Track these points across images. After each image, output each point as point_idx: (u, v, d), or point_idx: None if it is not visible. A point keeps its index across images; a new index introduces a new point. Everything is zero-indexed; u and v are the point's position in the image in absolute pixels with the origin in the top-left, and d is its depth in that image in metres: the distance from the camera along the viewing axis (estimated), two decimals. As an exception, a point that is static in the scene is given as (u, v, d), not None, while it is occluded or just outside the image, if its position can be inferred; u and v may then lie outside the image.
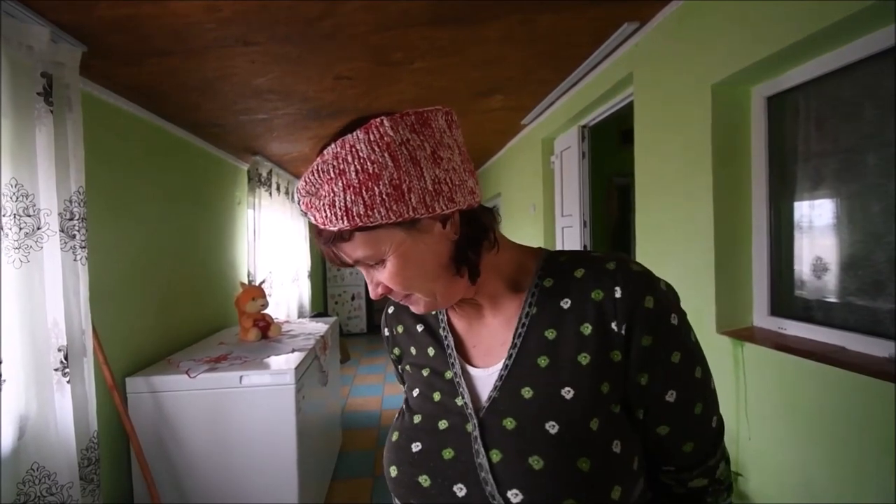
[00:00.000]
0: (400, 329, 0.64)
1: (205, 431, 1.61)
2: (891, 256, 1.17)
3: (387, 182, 0.44)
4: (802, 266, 1.42)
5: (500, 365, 0.52)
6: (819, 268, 1.37)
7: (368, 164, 0.44)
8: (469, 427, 0.49)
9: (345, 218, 0.44)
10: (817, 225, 1.39)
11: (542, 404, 0.47)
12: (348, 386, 3.94)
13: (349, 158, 0.44)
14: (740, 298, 1.51)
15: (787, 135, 1.44)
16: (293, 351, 1.89)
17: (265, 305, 2.16)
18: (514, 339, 0.52)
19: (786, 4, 1.19)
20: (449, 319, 0.59)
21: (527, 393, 0.49)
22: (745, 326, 1.50)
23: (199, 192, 2.39)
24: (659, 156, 1.76)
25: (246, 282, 2.77)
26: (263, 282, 2.47)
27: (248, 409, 1.61)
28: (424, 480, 0.49)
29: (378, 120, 0.45)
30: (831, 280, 1.34)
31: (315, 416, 1.98)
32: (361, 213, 0.43)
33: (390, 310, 0.67)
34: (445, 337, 0.58)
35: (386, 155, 0.44)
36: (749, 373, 1.41)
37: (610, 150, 3.45)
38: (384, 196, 0.44)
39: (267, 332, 2.13)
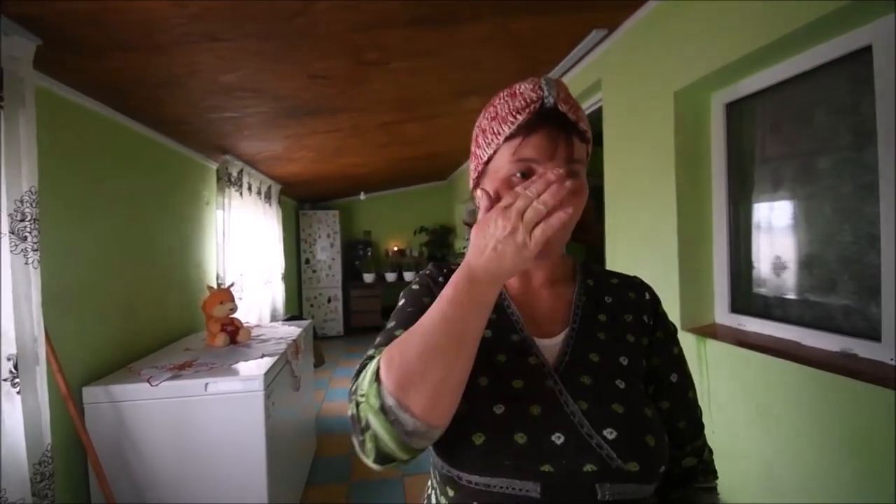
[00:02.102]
0: None
1: (168, 442, 1.55)
2: (842, 255, 1.24)
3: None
4: (760, 265, 1.48)
5: (562, 336, 0.60)
6: (776, 266, 1.43)
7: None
8: (549, 383, 0.56)
9: (588, 129, 0.56)
10: (774, 226, 1.45)
11: (609, 367, 0.58)
12: (324, 390, 3.87)
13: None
14: (703, 296, 1.56)
15: (744, 140, 1.51)
16: (263, 356, 1.84)
17: (234, 309, 2.10)
18: (573, 316, 0.62)
19: (743, 16, 1.24)
20: (507, 291, 0.65)
21: (594, 357, 0.58)
22: (707, 323, 1.56)
23: (165, 191, 2.31)
24: (626, 159, 1.81)
25: (214, 285, 2.69)
26: (232, 285, 2.40)
27: (214, 417, 1.55)
28: (521, 438, 0.51)
29: None
30: (787, 278, 1.40)
31: (286, 422, 1.93)
32: (590, 135, 0.57)
33: (447, 268, 0.69)
34: (507, 306, 0.63)
35: None
36: (712, 368, 1.47)
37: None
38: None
39: (236, 337, 2.06)
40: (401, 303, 0.66)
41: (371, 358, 0.54)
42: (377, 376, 0.47)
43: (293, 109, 2.24)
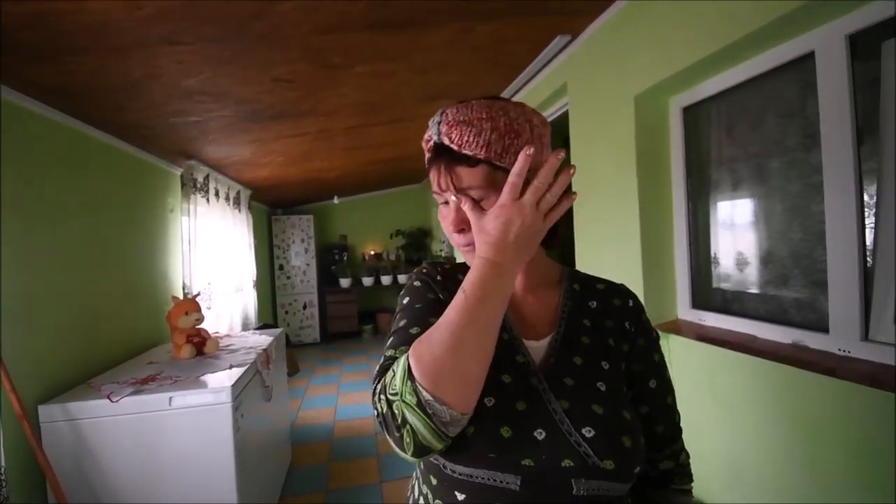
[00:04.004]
0: (451, 286, 0.67)
1: (132, 460, 1.48)
2: (793, 252, 1.29)
3: (523, 141, 0.55)
4: (719, 262, 1.54)
5: (548, 339, 0.62)
6: (735, 263, 1.49)
7: (515, 123, 0.56)
8: (534, 381, 0.58)
9: (484, 148, 0.54)
10: (730, 224, 1.51)
11: (591, 370, 0.59)
12: (299, 399, 3.80)
13: (500, 112, 0.56)
14: (666, 293, 1.61)
15: (702, 142, 1.56)
16: (231, 367, 1.79)
17: (200, 320, 2.04)
18: (559, 320, 0.64)
19: (696, 23, 1.29)
20: None
21: (577, 361, 0.60)
22: (671, 319, 1.61)
23: (125, 199, 2.22)
24: (591, 161, 1.85)
25: (180, 295, 2.60)
26: (198, 294, 2.33)
27: (180, 432, 1.50)
28: (506, 431, 0.53)
29: (524, 104, 0.59)
30: (743, 275, 1.46)
31: (258, 433, 1.88)
32: (498, 151, 0.55)
33: (441, 268, 0.72)
34: None
35: (526, 125, 0.56)
36: (676, 362, 1.51)
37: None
38: (518, 149, 0.55)
39: (202, 349, 2.00)
40: (405, 301, 0.67)
41: (392, 358, 0.56)
42: (409, 374, 0.49)
43: (257, 113, 2.20)
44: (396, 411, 0.50)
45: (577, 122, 1.96)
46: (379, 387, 0.53)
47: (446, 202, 0.60)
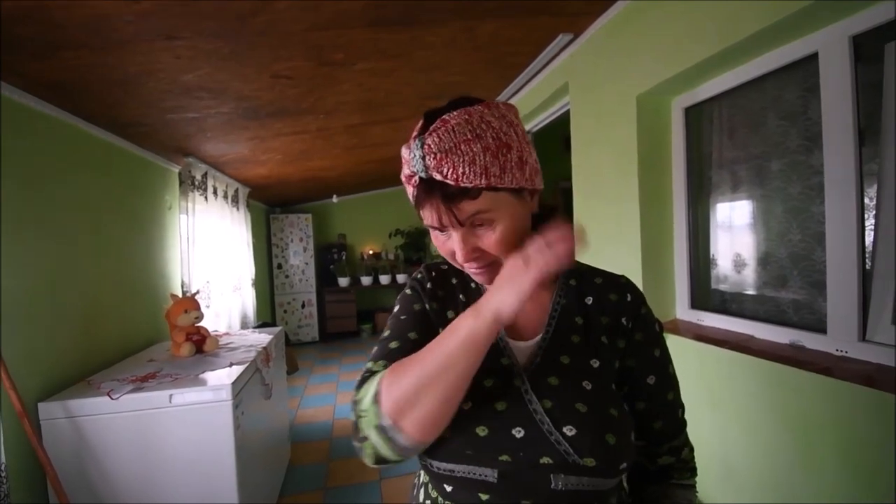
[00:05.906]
0: (440, 293, 0.68)
1: (132, 457, 1.48)
2: (792, 253, 1.30)
3: (515, 152, 0.52)
4: (718, 263, 1.54)
5: (537, 339, 0.62)
6: (732, 264, 1.49)
7: (502, 134, 0.52)
8: (517, 382, 0.58)
9: (483, 176, 0.50)
10: (730, 226, 1.51)
11: (578, 368, 0.59)
12: (298, 397, 3.80)
13: (483, 126, 0.51)
14: (665, 293, 1.62)
15: (703, 143, 1.57)
16: (231, 365, 1.79)
17: (199, 318, 2.03)
18: (549, 319, 0.63)
19: (699, 23, 1.29)
20: None
21: (565, 360, 0.59)
22: (670, 319, 1.61)
23: (122, 197, 2.21)
24: (593, 161, 1.85)
25: (179, 293, 2.60)
26: (198, 292, 2.33)
27: (180, 429, 1.50)
28: (482, 430, 0.54)
29: (494, 102, 0.54)
30: (742, 275, 1.47)
31: (258, 431, 1.88)
32: (497, 173, 0.51)
33: (436, 271, 0.70)
34: None
35: (511, 130, 0.53)
36: (673, 362, 1.52)
37: (554, 155, 3.57)
38: (513, 163, 0.52)
39: (202, 347, 2.00)
40: (395, 309, 0.68)
41: (371, 372, 0.58)
42: (377, 398, 0.51)
43: (256, 110, 2.19)
44: (361, 426, 0.53)
45: (578, 122, 1.96)
46: (356, 397, 0.56)
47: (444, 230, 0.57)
